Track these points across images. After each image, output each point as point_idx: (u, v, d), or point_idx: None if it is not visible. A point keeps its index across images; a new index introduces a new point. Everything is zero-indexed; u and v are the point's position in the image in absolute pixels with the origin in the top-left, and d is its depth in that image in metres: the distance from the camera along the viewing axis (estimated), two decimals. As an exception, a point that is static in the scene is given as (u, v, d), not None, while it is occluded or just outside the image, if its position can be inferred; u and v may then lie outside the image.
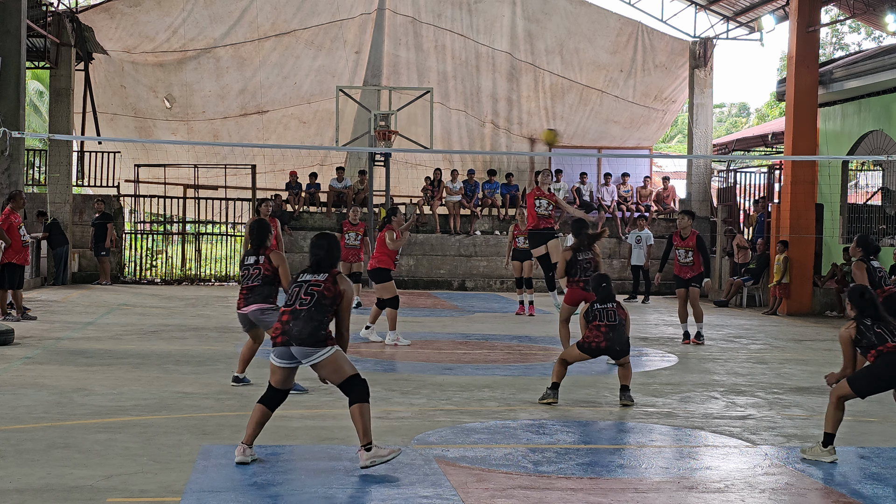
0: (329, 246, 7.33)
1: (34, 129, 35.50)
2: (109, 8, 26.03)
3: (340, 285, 7.17)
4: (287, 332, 7.05)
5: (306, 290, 7.14)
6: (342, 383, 7.10)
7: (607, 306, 9.85)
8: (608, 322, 9.75)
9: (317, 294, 7.10)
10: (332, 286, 7.14)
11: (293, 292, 7.21)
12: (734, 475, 7.32)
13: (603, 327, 9.74)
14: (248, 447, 7.18)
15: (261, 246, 10.10)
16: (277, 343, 7.09)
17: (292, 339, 7.03)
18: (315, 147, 28.42)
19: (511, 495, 6.53)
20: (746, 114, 61.54)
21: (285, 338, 7.05)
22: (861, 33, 47.13)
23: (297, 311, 7.06)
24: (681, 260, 14.93)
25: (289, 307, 7.13)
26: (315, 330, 7.02)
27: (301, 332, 7.00)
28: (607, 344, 9.74)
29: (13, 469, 6.82)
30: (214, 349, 13.22)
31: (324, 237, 7.45)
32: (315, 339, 7.02)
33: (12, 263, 15.82)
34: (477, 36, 27.61)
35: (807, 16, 21.72)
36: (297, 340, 7.01)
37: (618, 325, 9.76)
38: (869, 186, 30.05)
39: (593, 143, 28.96)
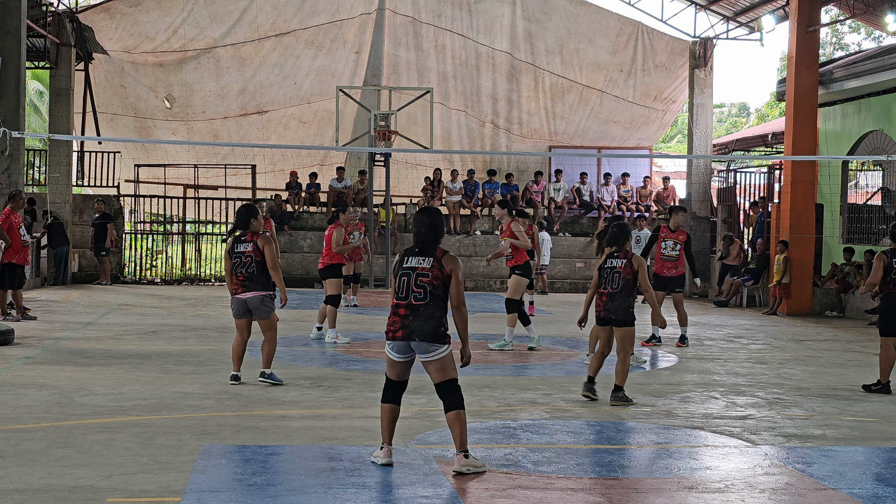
0: (432, 222, 7.27)
1: (34, 129, 35.50)
2: (109, 8, 26.02)
3: (447, 267, 7.18)
4: (407, 327, 7.11)
5: (417, 282, 7.15)
6: (442, 383, 7.20)
7: (613, 264, 9.81)
8: (611, 289, 9.78)
9: (428, 287, 7.13)
10: (440, 272, 7.16)
11: (402, 283, 7.17)
12: (734, 475, 7.32)
13: (604, 296, 9.82)
14: (390, 446, 7.27)
15: (245, 227, 10.30)
16: (398, 338, 7.15)
17: (414, 333, 7.11)
18: (315, 147, 28.42)
19: (511, 495, 6.53)
20: (746, 114, 61.55)
21: (405, 332, 7.12)
22: (861, 33, 47.15)
23: (415, 306, 7.11)
24: (666, 252, 14.60)
25: (403, 301, 7.15)
26: (436, 327, 7.12)
27: (423, 328, 7.09)
28: (606, 314, 9.84)
29: (13, 469, 6.82)
30: (214, 349, 13.21)
31: (426, 212, 7.39)
32: (436, 335, 7.12)
33: (12, 263, 15.84)
34: (477, 36, 27.61)
35: (807, 16, 21.72)
36: (420, 335, 7.11)
37: (618, 292, 9.76)
38: (869, 186, 30.05)
39: (593, 143, 28.96)
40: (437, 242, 7.28)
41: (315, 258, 25.65)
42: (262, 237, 10.28)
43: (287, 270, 25.61)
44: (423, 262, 7.20)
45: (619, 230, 10.05)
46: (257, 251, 10.23)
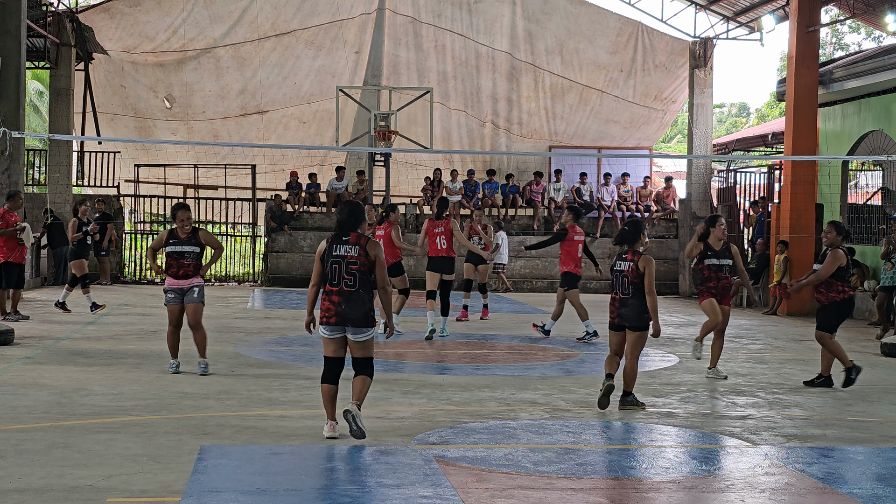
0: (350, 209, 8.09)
1: (34, 129, 35.49)
2: (109, 8, 26.02)
3: (372, 253, 7.94)
4: (340, 314, 7.89)
5: (347, 270, 7.91)
6: (361, 359, 8.03)
7: (621, 267, 9.55)
8: (621, 294, 9.55)
9: (357, 273, 7.91)
10: (367, 258, 7.94)
11: (333, 270, 7.90)
12: (734, 475, 7.32)
13: (616, 301, 9.63)
14: (334, 421, 8.05)
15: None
16: (332, 323, 7.89)
17: (347, 320, 7.90)
18: (315, 147, 28.42)
19: (511, 495, 6.53)
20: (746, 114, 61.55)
21: (339, 318, 7.89)
22: (861, 33, 47.15)
23: (346, 292, 7.89)
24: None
25: (335, 287, 7.88)
26: (367, 312, 7.93)
27: (355, 314, 7.88)
28: (619, 321, 9.61)
29: (13, 469, 6.82)
30: (214, 349, 13.20)
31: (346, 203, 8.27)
32: (366, 319, 7.94)
33: (9, 262, 15.83)
34: (477, 36, 27.61)
35: (807, 16, 21.72)
36: (352, 322, 7.90)
37: (630, 297, 9.48)
38: (869, 186, 30.05)
39: (593, 143, 28.96)
40: (355, 228, 8.04)
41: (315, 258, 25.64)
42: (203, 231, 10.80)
43: (287, 270, 25.63)
44: (350, 250, 7.95)
45: (630, 228, 9.69)
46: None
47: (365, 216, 8.28)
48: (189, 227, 11.00)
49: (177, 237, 10.99)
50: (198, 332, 11.06)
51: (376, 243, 8.10)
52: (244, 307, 19.57)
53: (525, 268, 26.11)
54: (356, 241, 8.03)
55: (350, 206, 8.29)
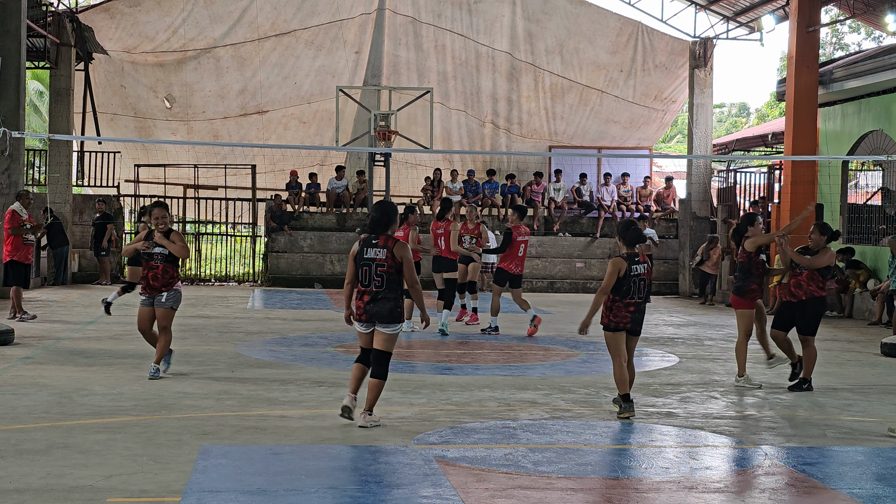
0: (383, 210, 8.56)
1: (34, 129, 35.49)
2: (109, 8, 26.02)
3: (398, 255, 8.37)
4: (369, 312, 8.40)
5: (376, 272, 8.39)
6: (380, 352, 8.43)
7: (638, 270, 9.15)
8: (637, 299, 9.17)
9: (385, 275, 8.38)
10: (394, 260, 8.37)
11: (364, 272, 8.40)
12: (734, 475, 7.32)
13: (632, 306, 9.17)
14: (354, 395, 8.59)
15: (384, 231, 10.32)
16: (363, 320, 8.43)
17: (375, 318, 8.39)
18: (315, 147, 28.42)
19: (511, 495, 6.53)
20: (746, 114, 61.56)
21: (368, 315, 8.41)
22: (861, 33, 47.15)
23: (375, 293, 8.38)
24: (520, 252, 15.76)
25: (365, 288, 8.40)
26: (392, 308, 8.40)
27: (381, 312, 8.37)
28: (632, 325, 9.25)
29: (13, 469, 6.82)
30: (214, 349, 13.22)
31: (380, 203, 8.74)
32: (392, 316, 8.42)
33: (15, 261, 15.84)
34: (477, 36, 27.61)
35: (807, 16, 21.71)
36: (379, 319, 8.38)
37: (643, 301, 9.26)
38: (869, 186, 30.04)
39: (593, 143, 28.96)
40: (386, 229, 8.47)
41: (315, 258, 25.67)
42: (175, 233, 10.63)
43: (287, 270, 25.63)
44: (378, 253, 8.40)
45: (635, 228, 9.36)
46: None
47: (396, 217, 8.70)
48: (165, 227, 10.69)
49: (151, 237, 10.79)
50: (163, 336, 10.77)
51: (404, 245, 8.48)
52: (244, 307, 19.57)
53: (525, 268, 26.02)
54: (384, 243, 8.45)
55: (383, 206, 8.71)
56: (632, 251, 9.24)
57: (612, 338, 9.23)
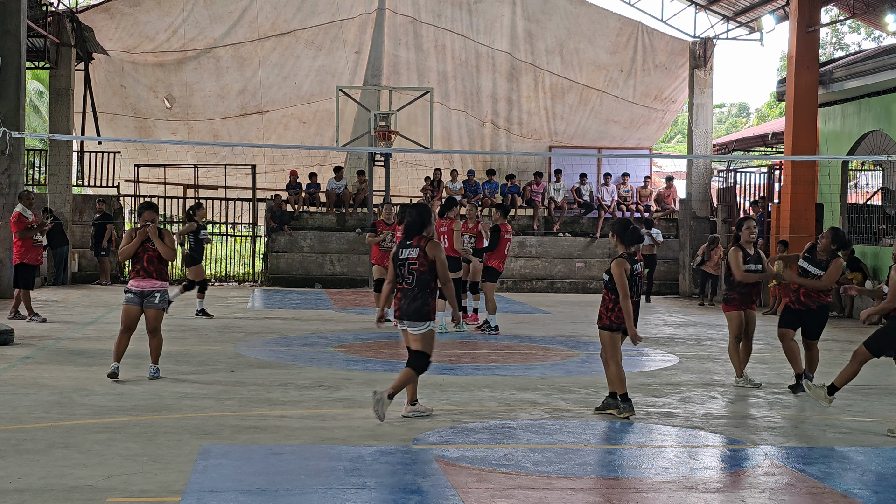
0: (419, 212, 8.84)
1: (34, 129, 35.49)
2: (109, 8, 26.02)
3: (430, 254, 8.66)
4: (400, 308, 8.76)
5: (408, 271, 8.69)
6: (416, 352, 8.79)
7: (637, 269, 9.16)
8: (636, 298, 9.17)
9: (416, 273, 8.66)
10: (426, 259, 8.67)
11: (398, 271, 8.71)
12: (734, 475, 7.32)
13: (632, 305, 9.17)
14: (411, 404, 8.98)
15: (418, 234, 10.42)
16: (398, 317, 8.80)
17: (404, 314, 8.73)
18: (315, 147, 28.42)
19: (511, 495, 6.53)
20: (746, 114, 61.57)
21: (401, 312, 8.75)
22: (861, 33, 47.16)
23: (406, 290, 8.71)
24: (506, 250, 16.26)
25: (399, 286, 8.74)
26: (420, 307, 8.68)
27: (409, 308, 8.69)
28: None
29: (13, 469, 6.82)
30: (214, 349, 13.21)
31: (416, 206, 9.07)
32: (420, 314, 8.69)
33: (24, 263, 15.77)
34: (477, 36, 27.61)
35: (807, 16, 21.71)
36: (407, 315, 8.70)
37: (639, 300, 9.29)
38: (869, 186, 30.05)
39: (593, 143, 28.96)
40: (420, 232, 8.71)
41: (315, 258, 25.66)
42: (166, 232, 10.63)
43: (287, 270, 25.63)
44: (412, 252, 8.68)
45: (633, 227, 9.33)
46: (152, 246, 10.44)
47: (432, 219, 8.89)
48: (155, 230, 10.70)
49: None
50: (155, 338, 10.75)
51: (436, 244, 8.77)
52: (244, 307, 19.57)
53: (525, 268, 26.12)
54: (417, 243, 8.77)
55: (418, 209, 8.98)
56: (631, 251, 9.24)
57: (612, 338, 9.23)
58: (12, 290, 19.46)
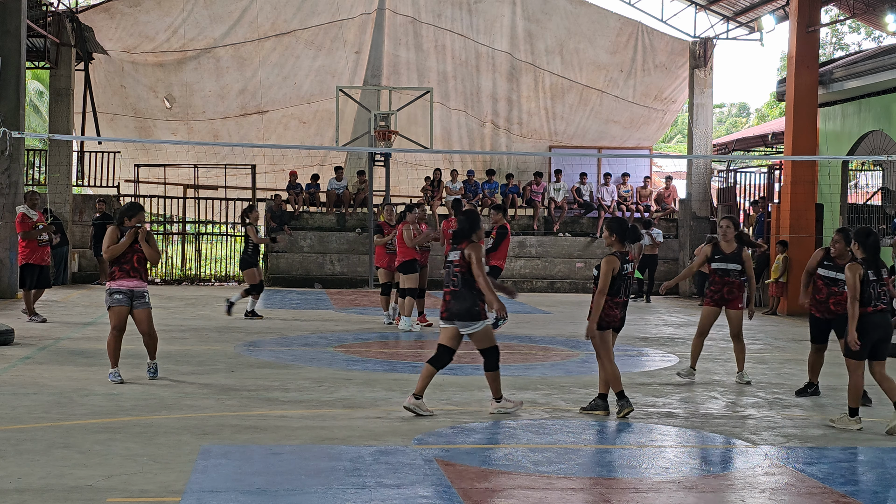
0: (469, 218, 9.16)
1: (34, 129, 35.49)
2: (109, 8, 26.02)
3: (467, 254, 8.96)
4: (449, 310, 9.01)
5: (453, 273, 9.03)
6: (482, 350, 9.13)
7: (627, 269, 9.25)
8: (625, 297, 9.29)
9: (460, 275, 8.95)
10: (463, 260, 8.99)
11: (446, 274, 9.06)
12: (734, 475, 7.32)
13: (621, 305, 9.28)
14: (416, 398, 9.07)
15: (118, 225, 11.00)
16: (443, 318, 9.03)
17: (453, 315, 8.97)
18: (315, 147, 28.41)
19: (511, 495, 6.53)
20: (746, 114, 61.57)
21: (448, 314, 9.00)
22: (861, 33, 47.16)
23: (453, 291, 8.99)
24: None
25: (446, 287, 9.04)
26: (470, 307, 8.93)
27: (459, 310, 8.93)
28: (619, 323, 9.38)
29: (13, 469, 6.82)
30: (214, 349, 13.22)
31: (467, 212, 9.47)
32: (470, 314, 8.96)
33: (29, 264, 15.69)
34: (477, 36, 27.61)
35: (807, 16, 21.71)
36: (458, 317, 8.94)
37: (628, 299, 9.39)
38: (869, 186, 30.05)
39: (593, 143, 28.96)
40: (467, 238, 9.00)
41: (315, 258, 25.66)
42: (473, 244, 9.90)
43: (287, 270, 25.63)
44: (455, 255, 9.06)
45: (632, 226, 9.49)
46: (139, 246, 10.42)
47: (480, 224, 9.20)
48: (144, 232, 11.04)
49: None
50: (150, 336, 10.79)
51: (476, 246, 9.03)
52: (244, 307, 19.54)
53: (525, 268, 26.12)
54: (461, 246, 9.13)
55: (468, 215, 9.33)
56: (624, 249, 9.27)
57: (603, 336, 9.30)
58: (12, 290, 19.55)
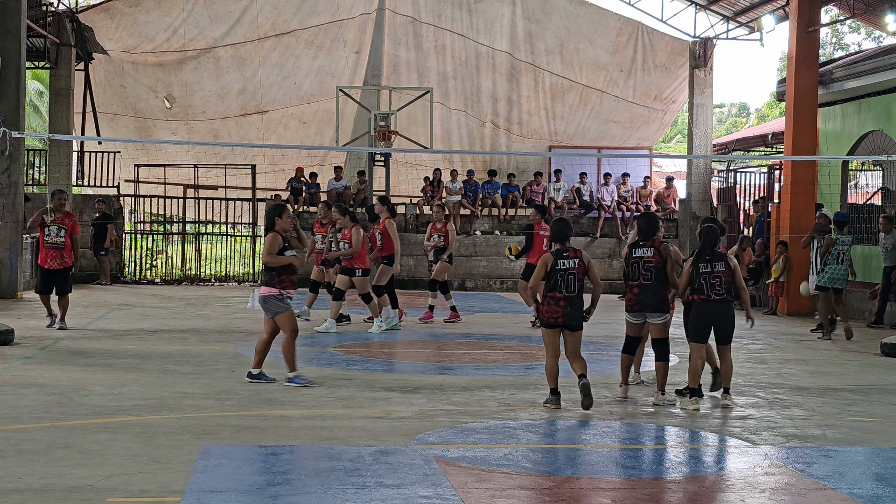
0: (649, 219, 10.19)
1: (34, 129, 35.49)
2: (109, 8, 26.02)
3: (663, 253, 9.92)
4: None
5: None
6: (657, 339, 10.11)
7: (567, 265, 9.48)
8: (567, 293, 9.46)
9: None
10: (658, 256, 9.96)
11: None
12: (734, 475, 7.32)
13: (562, 300, 9.45)
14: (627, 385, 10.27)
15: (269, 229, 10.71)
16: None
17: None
18: (315, 147, 28.42)
19: (511, 495, 6.53)
20: (746, 114, 61.56)
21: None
22: (861, 33, 47.15)
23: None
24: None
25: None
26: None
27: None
28: (564, 320, 9.49)
29: (13, 469, 6.82)
30: (214, 349, 13.22)
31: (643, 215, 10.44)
32: (662, 305, 10.01)
33: (39, 266, 15.06)
34: (477, 36, 27.61)
35: (807, 16, 21.71)
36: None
37: (575, 296, 9.50)
38: (869, 186, 30.04)
39: (593, 143, 28.96)
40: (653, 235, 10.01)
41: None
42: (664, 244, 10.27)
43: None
44: (646, 252, 9.97)
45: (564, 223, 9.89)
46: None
47: (660, 224, 10.20)
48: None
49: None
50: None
51: (667, 246, 10.02)
52: (244, 307, 19.56)
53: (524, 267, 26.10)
54: (651, 244, 10.06)
55: (648, 218, 10.23)
56: (560, 246, 9.65)
57: (546, 333, 9.66)
58: (12, 290, 19.55)
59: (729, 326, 9.90)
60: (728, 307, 9.88)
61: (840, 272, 16.40)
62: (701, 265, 9.80)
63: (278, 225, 10.64)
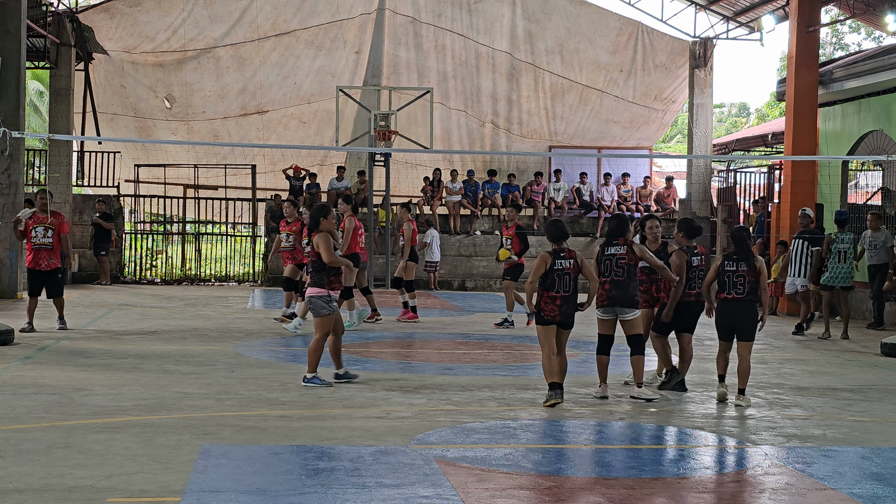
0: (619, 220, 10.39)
1: (34, 129, 35.49)
2: (109, 8, 26.03)
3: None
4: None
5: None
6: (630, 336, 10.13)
7: (563, 266, 9.68)
8: (563, 293, 9.67)
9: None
10: (631, 254, 10.11)
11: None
12: (734, 475, 7.32)
13: (558, 300, 9.66)
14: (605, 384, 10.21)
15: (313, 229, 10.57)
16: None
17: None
18: (315, 147, 28.42)
19: (511, 495, 6.53)
20: (746, 114, 61.57)
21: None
22: (861, 33, 47.16)
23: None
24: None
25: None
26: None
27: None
28: (562, 318, 9.72)
29: (13, 469, 6.82)
30: (214, 349, 13.21)
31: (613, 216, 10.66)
32: (634, 302, 10.10)
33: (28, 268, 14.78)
34: (477, 36, 27.61)
35: (807, 16, 21.71)
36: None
37: (570, 295, 9.71)
38: (869, 186, 30.04)
39: (593, 143, 28.97)
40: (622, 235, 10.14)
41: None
42: (318, 235, 10.45)
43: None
44: (619, 249, 10.11)
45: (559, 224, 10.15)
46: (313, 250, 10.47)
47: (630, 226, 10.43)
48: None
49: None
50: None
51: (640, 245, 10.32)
52: (244, 307, 19.56)
53: (525, 267, 26.08)
54: (623, 242, 10.21)
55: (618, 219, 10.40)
56: (556, 247, 9.84)
57: (542, 331, 9.79)
58: (12, 290, 19.56)
59: (747, 325, 10.03)
60: (747, 306, 10.02)
61: (842, 270, 16.46)
62: (727, 263, 10.09)
63: (323, 225, 10.46)
